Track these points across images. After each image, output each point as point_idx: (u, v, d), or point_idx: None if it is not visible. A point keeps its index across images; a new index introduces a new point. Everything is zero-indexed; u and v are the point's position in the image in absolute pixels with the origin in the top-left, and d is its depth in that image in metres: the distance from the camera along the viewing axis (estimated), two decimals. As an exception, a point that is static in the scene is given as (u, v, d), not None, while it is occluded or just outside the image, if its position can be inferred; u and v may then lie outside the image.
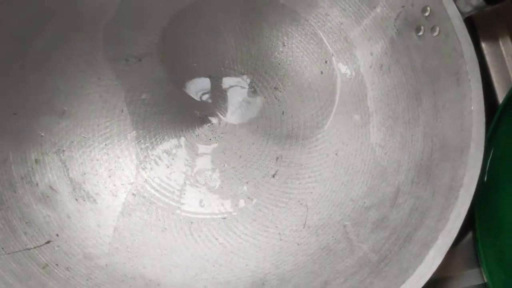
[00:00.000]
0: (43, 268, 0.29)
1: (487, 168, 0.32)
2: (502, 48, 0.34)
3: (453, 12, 0.31)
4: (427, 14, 0.32)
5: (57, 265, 0.29)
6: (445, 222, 0.27)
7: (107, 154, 0.36)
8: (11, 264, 0.27)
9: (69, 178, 0.34)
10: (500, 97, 0.34)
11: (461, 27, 0.31)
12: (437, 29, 0.32)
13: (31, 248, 0.29)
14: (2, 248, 0.28)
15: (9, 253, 0.28)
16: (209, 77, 0.38)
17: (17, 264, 0.28)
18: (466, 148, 0.29)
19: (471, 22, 0.33)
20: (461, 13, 0.31)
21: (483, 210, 0.31)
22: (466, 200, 0.27)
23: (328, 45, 0.38)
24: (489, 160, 0.32)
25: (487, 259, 0.31)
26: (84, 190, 0.34)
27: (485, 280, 0.32)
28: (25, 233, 0.30)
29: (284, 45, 0.39)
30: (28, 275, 0.28)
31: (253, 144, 0.37)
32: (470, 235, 0.32)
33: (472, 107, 0.29)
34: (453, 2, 0.31)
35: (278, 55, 0.39)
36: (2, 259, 0.27)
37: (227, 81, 0.38)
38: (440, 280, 0.33)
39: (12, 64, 0.33)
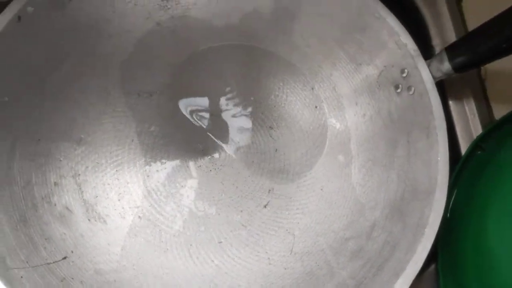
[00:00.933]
0: (61, 281, 0.32)
1: (449, 207, 0.37)
2: (466, 108, 0.40)
3: (426, 76, 0.36)
4: (404, 75, 0.38)
5: (72, 278, 0.33)
6: (412, 254, 0.32)
7: (118, 179, 0.40)
8: (35, 277, 0.31)
9: (83, 200, 0.38)
10: (463, 148, 0.39)
11: (433, 89, 0.36)
12: (413, 88, 0.37)
13: (51, 263, 0.33)
14: (27, 262, 0.31)
15: (33, 267, 0.31)
16: (211, 114, 0.43)
17: (39, 277, 0.31)
18: (432, 192, 0.34)
19: (441, 84, 0.39)
20: (433, 77, 0.36)
21: (445, 245, 0.36)
22: (430, 236, 0.32)
23: (319, 93, 0.43)
24: (451, 201, 0.37)
25: (447, 288, 0.36)
26: (96, 212, 0.38)
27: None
28: (45, 248, 0.34)
29: (280, 90, 0.44)
30: (49, 287, 0.31)
31: (249, 176, 0.42)
32: (433, 266, 0.37)
33: (438, 158, 0.35)
34: (427, 68, 0.36)
35: (274, 98, 0.44)
36: (28, 272, 0.31)
37: (227, 119, 0.43)
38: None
39: (34, 95, 0.37)
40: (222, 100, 0.43)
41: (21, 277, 0.30)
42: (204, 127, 0.42)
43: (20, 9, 0.34)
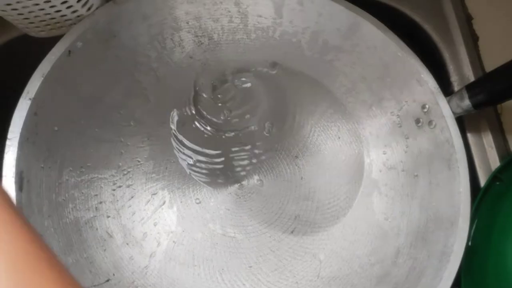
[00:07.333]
0: (107, 302, 0.34)
1: (471, 236, 0.39)
2: (484, 140, 0.42)
3: (447, 111, 0.39)
4: (425, 110, 0.40)
5: (116, 300, 0.35)
6: (438, 280, 0.34)
7: (153, 205, 0.42)
8: (85, 299, 0.33)
9: (121, 224, 0.40)
10: (482, 179, 0.41)
11: (453, 124, 0.39)
12: (434, 123, 0.40)
13: (97, 285, 0.34)
14: (76, 284, 0.33)
15: (81, 288, 0.33)
16: (245, 145, 0.45)
17: (88, 298, 0.33)
18: (455, 221, 0.36)
19: (460, 118, 0.42)
20: (453, 113, 0.39)
21: (468, 270, 0.38)
22: (455, 263, 0.35)
23: (341, 125, 0.46)
24: (473, 230, 0.39)
25: (471, 313, 0.37)
26: (133, 236, 0.40)
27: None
28: (90, 271, 0.35)
29: (305, 121, 0.46)
30: (98, 308, 0.33)
31: (276, 203, 0.44)
32: (456, 292, 0.39)
33: (461, 189, 0.37)
34: (447, 104, 0.39)
35: (298, 129, 0.46)
36: (78, 293, 0.32)
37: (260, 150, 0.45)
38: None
39: (81, 124, 0.39)
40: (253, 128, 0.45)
41: (72, 298, 0.32)
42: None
43: (70, 43, 0.37)
